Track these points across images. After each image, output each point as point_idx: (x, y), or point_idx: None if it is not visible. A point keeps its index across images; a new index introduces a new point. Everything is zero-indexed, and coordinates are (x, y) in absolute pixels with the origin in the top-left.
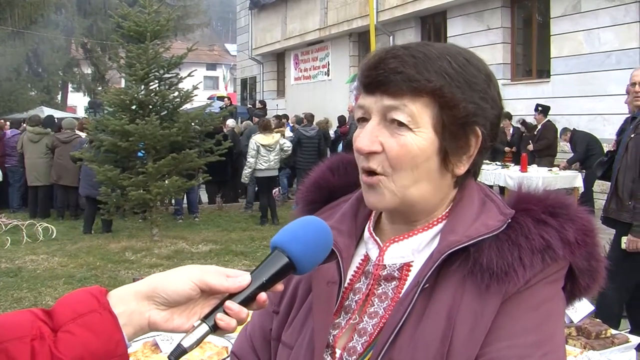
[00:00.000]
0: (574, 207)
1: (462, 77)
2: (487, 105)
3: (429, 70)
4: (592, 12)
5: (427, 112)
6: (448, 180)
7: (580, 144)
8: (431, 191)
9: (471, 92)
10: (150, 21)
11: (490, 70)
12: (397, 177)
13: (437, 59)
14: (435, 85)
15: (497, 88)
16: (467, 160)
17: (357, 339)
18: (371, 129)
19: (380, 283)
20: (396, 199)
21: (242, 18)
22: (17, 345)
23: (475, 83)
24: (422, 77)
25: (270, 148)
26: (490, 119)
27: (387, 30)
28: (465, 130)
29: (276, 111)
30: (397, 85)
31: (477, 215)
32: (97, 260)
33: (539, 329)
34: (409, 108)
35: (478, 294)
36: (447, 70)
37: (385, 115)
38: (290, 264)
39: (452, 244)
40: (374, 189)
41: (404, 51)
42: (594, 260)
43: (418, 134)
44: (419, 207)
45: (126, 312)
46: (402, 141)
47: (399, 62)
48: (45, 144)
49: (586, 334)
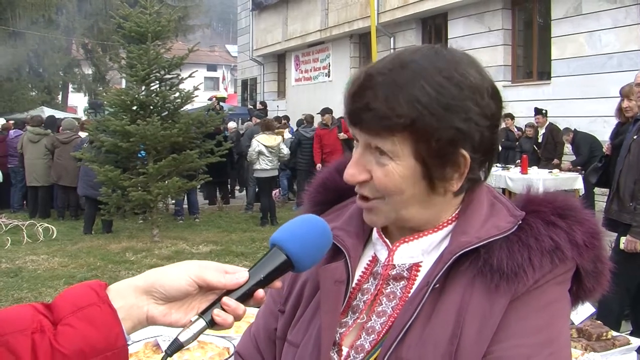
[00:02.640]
0: (582, 210)
1: (437, 103)
2: (471, 125)
3: (400, 103)
4: (594, 14)
5: (406, 144)
6: (441, 197)
7: (583, 145)
8: (424, 210)
9: (450, 116)
10: (152, 22)
11: (479, 77)
12: (389, 200)
13: (410, 86)
14: (405, 121)
15: (489, 94)
16: (458, 178)
17: (365, 337)
18: (357, 159)
19: (388, 283)
20: (390, 218)
21: (242, 19)
22: (18, 338)
23: (455, 105)
24: (393, 113)
25: (273, 150)
26: (476, 137)
27: (388, 32)
28: (447, 158)
29: (277, 112)
30: (369, 124)
31: (487, 217)
32: (97, 260)
33: (546, 329)
34: (386, 144)
35: (487, 294)
36: (420, 99)
37: (369, 144)
38: (288, 261)
39: (463, 244)
40: (370, 210)
41: (380, 78)
42: (600, 263)
43: (399, 164)
44: (415, 222)
45: (125, 306)
46: (385, 170)
47: (372, 96)
48: (44, 144)
49: (587, 335)
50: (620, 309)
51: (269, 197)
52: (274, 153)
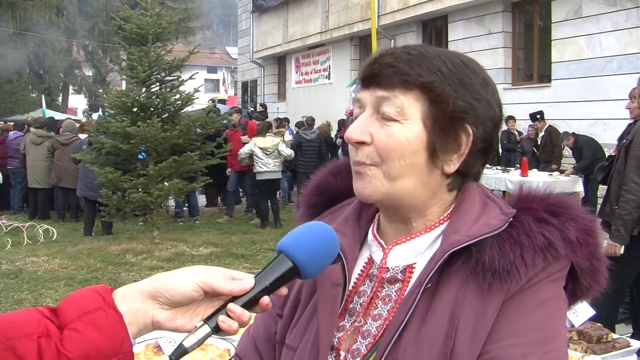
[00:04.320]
0: (576, 207)
1: (455, 77)
2: (479, 105)
3: (421, 67)
4: (594, 17)
5: (417, 105)
6: (438, 178)
7: (587, 150)
8: (418, 185)
9: (464, 91)
10: (152, 24)
11: (489, 77)
12: (386, 167)
13: (433, 58)
14: (425, 79)
15: (495, 94)
16: (457, 159)
17: (361, 341)
18: (363, 120)
19: (383, 286)
20: (382, 189)
21: (243, 21)
22: (24, 342)
23: (470, 84)
24: (413, 71)
25: (268, 152)
26: (482, 119)
27: (389, 34)
28: (455, 127)
29: (277, 114)
30: (389, 78)
31: (479, 216)
32: (97, 262)
33: (542, 328)
34: (399, 99)
35: (480, 293)
36: (441, 68)
37: (377, 107)
38: (294, 268)
39: (454, 243)
40: (362, 176)
41: (401, 49)
42: (596, 260)
43: (406, 126)
44: (407, 202)
45: (131, 310)
46: (390, 132)
47: (394, 58)
48: (47, 147)
49: (587, 338)
50: (610, 311)
51: (271, 199)
52: (271, 155)
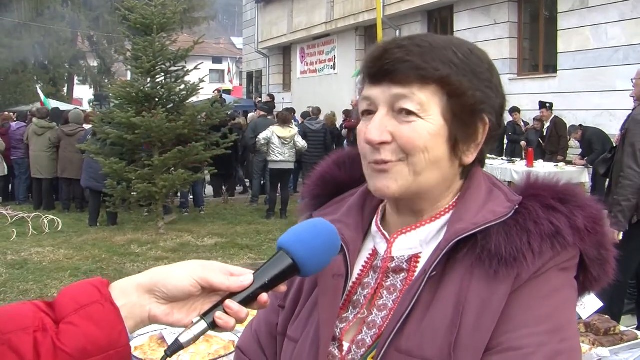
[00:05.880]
0: (583, 195)
1: (467, 67)
2: (492, 94)
3: (434, 60)
4: (600, 7)
5: (435, 100)
6: (455, 169)
7: (597, 142)
8: (440, 179)
9: (477, 81)
10: (157, 14)
11: (491, 60)
12: (412, 162)
13: (443, 49)
14: (442, 73)
15: (498, 78)
16: (475, 148)
17: (367, 332)
18: (380, 120)
19: (388, 275)
20: (406, 184)
21: (248, 11)
22: (20, 336)
23: (480, 72)
24: (429, 65)
25: (286, 141)
26: (495, 107)
27: (394, 24)
28: (474, 119)
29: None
30: (404, 74)
31: (484, 204)
32: (102, 252)
33: (554, 317)
34: (417, 96)
35: (486, 280)
36: (453, 59)
37: (393, 105)
38: (294, 265)
39: (459, 231)
40: (386, 173)
41: (408, 41)
42: (604, 249)
43: (428, 120)
44: (425, 195)
45: (128, 304)
46: (412, 127)
47: (405, 52)
48: (48, 138)
49: (595, 330)
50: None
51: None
52: (287, 145)
